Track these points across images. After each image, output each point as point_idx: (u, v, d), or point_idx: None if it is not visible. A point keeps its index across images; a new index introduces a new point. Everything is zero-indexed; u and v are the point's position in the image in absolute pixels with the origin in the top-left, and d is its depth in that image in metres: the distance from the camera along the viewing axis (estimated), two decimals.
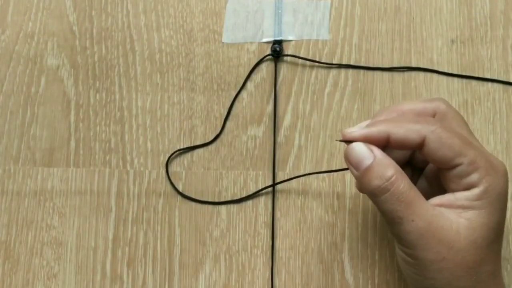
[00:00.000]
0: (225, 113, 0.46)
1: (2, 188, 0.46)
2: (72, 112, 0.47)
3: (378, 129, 0.32)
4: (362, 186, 0.33)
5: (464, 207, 0.31)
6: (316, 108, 0.46)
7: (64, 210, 0.45)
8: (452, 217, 0.31)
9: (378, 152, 0.32)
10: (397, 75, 0.46)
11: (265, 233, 0.44)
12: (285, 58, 0.46)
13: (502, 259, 0.42)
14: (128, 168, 0.45)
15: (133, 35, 0.48)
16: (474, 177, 0.31)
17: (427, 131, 0.32)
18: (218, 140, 0.46)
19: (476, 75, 0.45)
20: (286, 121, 0.45)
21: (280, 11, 0.47)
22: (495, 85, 0.45)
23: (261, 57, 0.46)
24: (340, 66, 0.46)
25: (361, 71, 0.46)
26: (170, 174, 0.45)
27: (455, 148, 0.31)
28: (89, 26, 0.48)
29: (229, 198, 0.44)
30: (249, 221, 0.44)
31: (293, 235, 0.44)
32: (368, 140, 0.33)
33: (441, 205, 0.32)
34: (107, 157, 0.46)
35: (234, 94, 0.46)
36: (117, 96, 0.47)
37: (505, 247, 0.42)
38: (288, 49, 0.47)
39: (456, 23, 0.46)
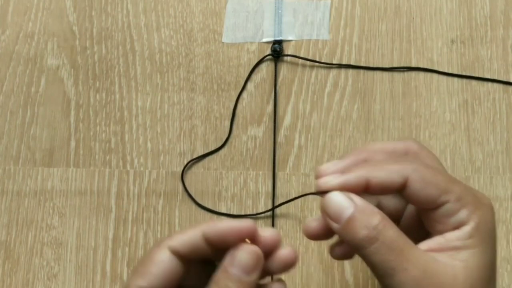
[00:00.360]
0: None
1: (2, 188, 0.46)
2: (72, 112, 0.47)
3: (356, 175, 0.30)
4: (347, 239, 0.30)
5: (457, 248, 0.29)
6: (316, 108, 0.46)
7: (64, 210, 0.45)
8: (446, 261, 0.29)
9: (358, 199, 0.30)
10: (397, 75, 0.46)
11: None
12: (285, 58, 0.46)
13: (502, 259, 0.42)
14: (128, 168, 0.45)
15: (133, 35, 0.48)
16: (462, 214, 0.29)
17: (409, 170, 0.29)
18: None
19: (476, 75, 0.45)
20: (286, 121, 0.45)
21: (280, 11, 0.47)
22: (495, 85, 0.45)
23: (261, 57, 0.46)
24: (340, 66, 0.46)
25: (361, 71, 0.46)
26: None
27: (441, 185, 0.29)
28: (89, 26, 0.48)
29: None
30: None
31: (293, 235, 0.43)
32: (346, 189, 0.30)
33: (431, 250, 0.29)
34: (107, 157, 0.46)
35: (234, 94, 0.46)
36: (117, 96, 0.47)
37: (505, 247, 0.42)
38: (288, 49, 0.47)
39: (456, 23, 0.46)
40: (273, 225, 0.43)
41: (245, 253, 0.29)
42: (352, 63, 0.46)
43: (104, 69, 0.47)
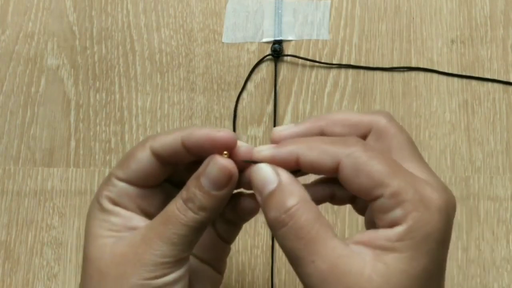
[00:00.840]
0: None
1: (2, 188, 0.46)
2: (72, 112, 0.47)
3: (288, 150, 0.28)
4: (264, 215, 0.28)
5: (383, 248, 0.26)
6: (316, 108, 0.46)
7: (64, 210, 0.45)
8: (367, 259, 0.25)
9: (285, 176, 0.28)
10: (397, 75, 0.46)
11: (265, 233, 0.44)
12: (285, 58, 0.46)
13: (502, 259, 0.42)
14: None
15: (133, 35, 0.48)
16: (397, 212, 0.25)
17: (342, 155, 0.26)
18: None
19: (476, 75, 0.45)
20: (286, 121, 0.45)
21: (280, 11, 0.47)
22: (495, 85, 0.45)
23: (261, 57, 0.46)
24: (340, 66, 0.46)
25: (361, 71, 0.46)
26: None
27: (374, 177, 0.26)
28: (89, 26, 0.48)
29: None
30: (249, 221, 0.44)
31: None
32: (275, 162, 0.28)
33: (361, 243, 0.26)
34: (107, 157, 0.46)
35: (234, 94, 0.46)
36: (117, 96, 0.47)
37: (505, 247, 0.42)
38: (288, 49, 0.47)
39: (456, 23, 0.46)
40: None
41: (216, 168, 0.28)
42: (352, 63, 0.46)
43: (104, 69, 0.47)
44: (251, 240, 0.44)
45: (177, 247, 0.28)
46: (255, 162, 0.28)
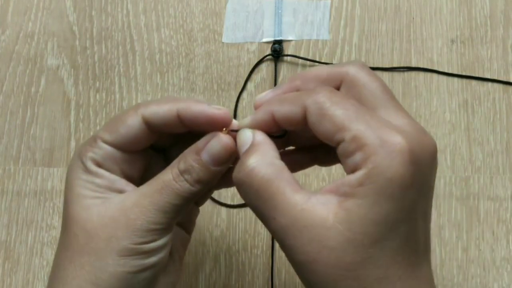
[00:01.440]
0: None
1: (2, 188, 0.46)
2: (72, 112, 0.47)
3: (263, 111, 0.29)
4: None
5: (345, 195, 0.25)
6: None
7: None
8: (331, 209, 0.25)
9: (258, 138, 0.28)
10: (397, 75, 0.46)
11: (265, 233, 0.44)
12: (285, 58, 0.46)
13: (502, 259, 0.42)
14: None
15: (133, 35, 0.48)
16: (357, 157, 0.25)
17: (308, 101, 0.27)
18: None
19: (476, 75, 0.45)
20: None
21: (280, 11, 0.47)
22: (495, 85, 0.45)
23: (261, 57, 0.46)
24: None
25: None
26: None
27: (336, 121, 0.26)
28: (89, 26, 0.48)
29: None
30: (249, 221, 0.44)
31: None
32: (256, 125, 0.29)
33: (329, 191, 0.26)
34: None
35: (234, 94, 0.46)
36: (117, 96, 0.47)
37: (505, 247, 0.42)
38: (288, 49, 0.47)
39: (456, 23, 0.46)
40: None
41: (219, 145, 0.30)
42: None
43: (104, 69, 0.47)
44: (251, 240, 0.44)
45: (168, 215, 0.29)
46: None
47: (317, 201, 0.26)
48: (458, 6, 0.47)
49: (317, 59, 0.46)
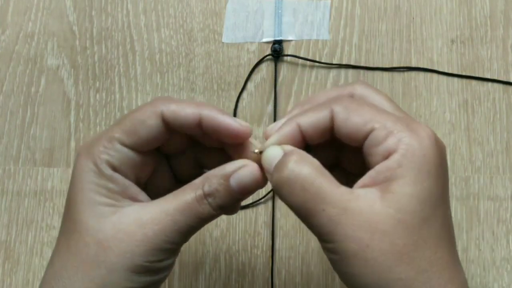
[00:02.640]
0: None
1: (2, 188, 0.46)
2: (72, 112, 0.47)
3: (288, 124, 0.29)
4: (270, 182, 0.29)
5: (386, 180, 0.26)
6: None
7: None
8: (374, 197, 0.26)
9: (289, 147, 0.29)
10: (397, 75, 0.46)
11: (265, 233, 0.44)
12: (285, 58, 0.46)
13: (502, 259, 0.42)
14: None
15: (133, 35, 0.48)
16: (390, 141, 0.26)
17: (333, 103, 0.28)
18: None
19: (476, 75, 0.45)
20: None
21: (280, 11, 0.47)
22: (495, 85, 0.45)
23: (261, 57, 0.46)
24: (340, 66, 0.46)
25: (361, 71, 0.46)
26: None
27: (365, 115, 0.27)
28: (89, 26, 0.48)
29: None
30: (249, 221, 0.44)
31: (293, 235, 0.43)
32: (283, 141, 0.29)
33: (365, 185, 0.27)
34: None
35: (234, 94, 0.46)
36: (117, 96, 0.47)
37: (505, 247, 0.42)
38: (288, 49, 0.47)
39: (456, 23, 0.46)
40: (273, 224, 0.43)
41: (251, 176, 0.29)
42: (352, 63, 0.46)
43: (104, 69, 0.47)
44: (251, 240, 0.44)
45: (184, 236, 0.29)
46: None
47: (360, 192, 0.27)
48: (458, 6, 0.47)
49: (317, 59, 0.46)
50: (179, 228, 0.28)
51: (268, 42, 0.47)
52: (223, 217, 0.44)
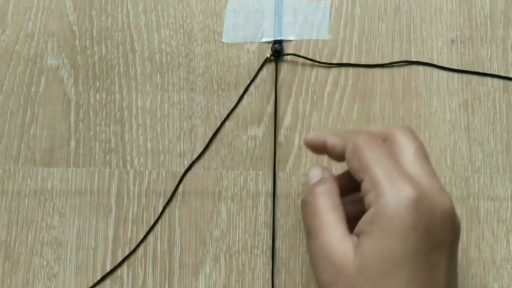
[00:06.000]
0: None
1: (2, 188, 0.46)
2: (72, 112, 0.47)
3: (320, 134, 0.34)
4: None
5: (360, 230, 0.29)
6: (316, 108, 0.46)
7: (64, 210, 0.45)
8: (354, 240, 0.29)
9: (327, 173, 0.33)
10: (397, 75, 0.46)
11: (265, 233, 0.44)
12: (285, 58, 0.46)
13: (502, 259, 0.42)
14: (128, 168, 0.45)
15: (133, 35, 0.48)
16: (371, 196, 0.29)
17: (348, 140, 0.32)
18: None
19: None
20: (286, 121, 0.45)
21: (280, 11, 0.47)
22: (495, 85, 0.45)
23: (261, 57, 0.46)
24: (340, 65, 0.46)
25: (361, 72, 0.46)
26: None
27: (362, 161, 0.30)
28: (89, 26, 0.48)
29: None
30: (249, 221, 0.44)
31: (293, 235, 0.43)
32: (311, 142, 0.34)
33: (355, 231, 0.30)
34: (107, 157, 0.46)
35: (234, 94, 0.46)
36: (117, 96, 0.47)
37: (505, 247, 0.42)
38: (288, 49, 0.47)
39: (456, 23, 0.46)
40: (273, 224, 0.43)
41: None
42: (352, 63, 0.46)
43: (104, 69, 0.47)
44: (251, 240, 0.44)
45: None
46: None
47: (348, 239, 0.30)
48: (458, 6, 0.47)
49: (317, 59, 0.46)
50: None
51: (268, 42, 0.47)
52: (223, 216, 0.44)
